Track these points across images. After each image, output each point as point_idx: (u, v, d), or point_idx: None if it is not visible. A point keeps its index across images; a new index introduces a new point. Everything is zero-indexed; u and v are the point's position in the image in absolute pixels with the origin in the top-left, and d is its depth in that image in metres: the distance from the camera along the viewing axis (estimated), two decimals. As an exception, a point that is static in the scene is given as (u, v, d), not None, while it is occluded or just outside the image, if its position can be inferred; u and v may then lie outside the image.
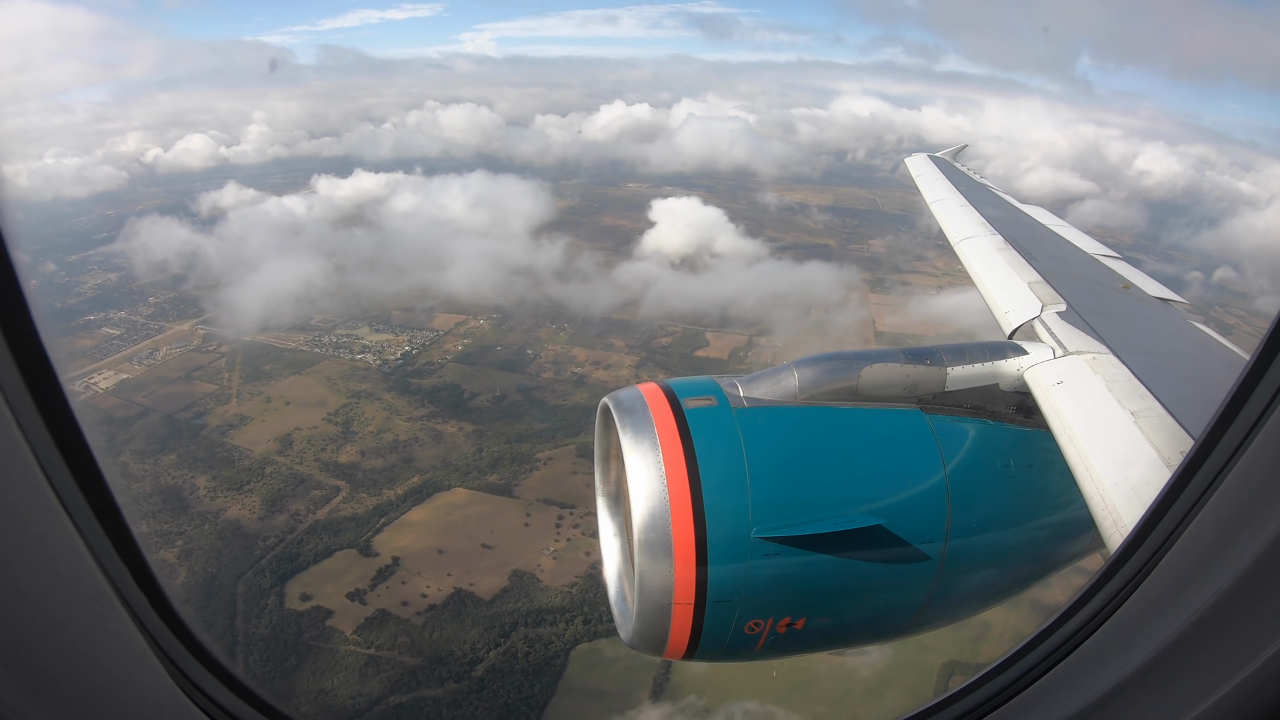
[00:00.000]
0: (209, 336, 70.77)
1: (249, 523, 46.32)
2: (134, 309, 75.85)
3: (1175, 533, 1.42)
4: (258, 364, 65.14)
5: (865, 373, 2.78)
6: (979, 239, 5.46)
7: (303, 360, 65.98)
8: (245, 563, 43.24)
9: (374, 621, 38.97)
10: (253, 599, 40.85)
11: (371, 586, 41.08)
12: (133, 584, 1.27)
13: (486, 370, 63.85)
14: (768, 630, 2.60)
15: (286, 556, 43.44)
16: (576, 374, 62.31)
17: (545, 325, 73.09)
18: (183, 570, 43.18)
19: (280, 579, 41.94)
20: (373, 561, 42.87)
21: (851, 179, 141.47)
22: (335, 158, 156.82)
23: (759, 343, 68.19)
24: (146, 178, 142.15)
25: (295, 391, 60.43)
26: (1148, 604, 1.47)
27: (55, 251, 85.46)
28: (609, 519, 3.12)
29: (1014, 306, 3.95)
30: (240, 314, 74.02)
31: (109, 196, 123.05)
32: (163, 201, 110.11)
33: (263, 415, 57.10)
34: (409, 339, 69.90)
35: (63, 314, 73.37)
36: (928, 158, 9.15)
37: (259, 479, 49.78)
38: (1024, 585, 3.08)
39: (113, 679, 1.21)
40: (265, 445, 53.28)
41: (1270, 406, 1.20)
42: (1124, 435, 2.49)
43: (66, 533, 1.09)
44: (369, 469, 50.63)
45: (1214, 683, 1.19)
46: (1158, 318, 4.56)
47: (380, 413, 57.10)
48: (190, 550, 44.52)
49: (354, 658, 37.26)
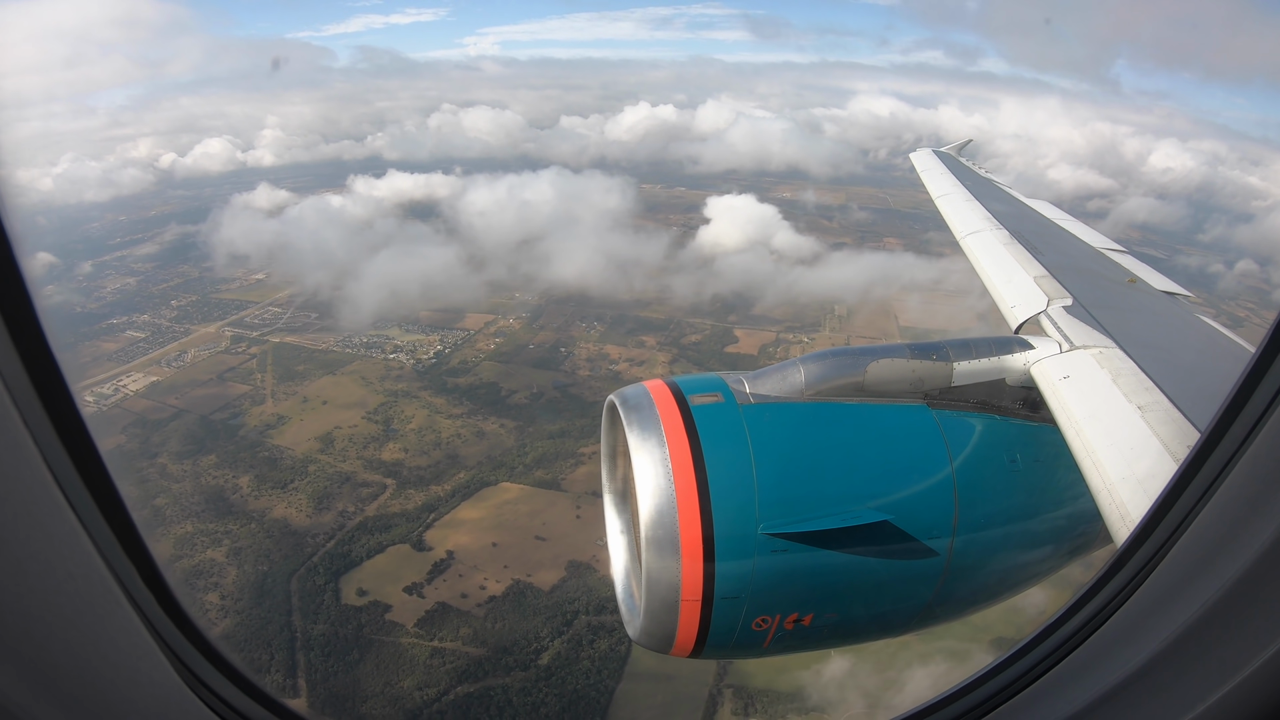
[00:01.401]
0: (237, 338, 70.58)
1: (297, 521, 46.24)
2: (157, 312, 75.50)
3: (1181, 528, 1.41)
4: (290, 365, 65.03)
5: (871, 368, 2.78)
6: (984, 233, 5.46)
7: (335, 361, 65.94)
8: (296, 560, 43.16)
9: (434, 614, 39.03)
10: (308, 596, 40.77)
11: (428, 580, 41.15)
12: (140, 582, 1.27)
13: (521, 368, 64.11)
14: (775, 626, 2.59)
15: (338, 553, 43.41)
16: (612, 370, 62.75)
17: (575, 324, 73.55)
18: (232, 569, 43.08)
19: (334, 575, 41.90)
20: (426, 556, 42.94)
21: (874, 179, 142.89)
22: (359, 160, 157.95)
23: (786, 339, 69.04)
24: (166, 182, 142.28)
25: (330, 391, 60.42)
26: (1153, 600, 1.45)
27: (73, 255, 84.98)
28: (616, 516, 3.14)
29: (1020, 301, 3.96)
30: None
31: (134, 200, 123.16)
32: (191, 205, 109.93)
33: (300, 415, 57.04)
34: (440, 339, 70.08)
35: (85, 318, 72.94)
36: (932, 153, 9.07)
37: (302, 477, 49.72)
38: (1031, 580, 3.08)
39: (120, 676, 1.21)
40: (306, 444, 53.22)
41: (1275, 400, 1.19)
42: (1131, 429, 2.49)
43: (73, 531, 1.09)
44: (413, 466, 50.72)
45: (1219, 679, 1.17)
46: (1164, 311, 4.56)
47: (420, 411, 57.20)
48: (239, 549, 44.36)
49: (418, 650, 37.28)
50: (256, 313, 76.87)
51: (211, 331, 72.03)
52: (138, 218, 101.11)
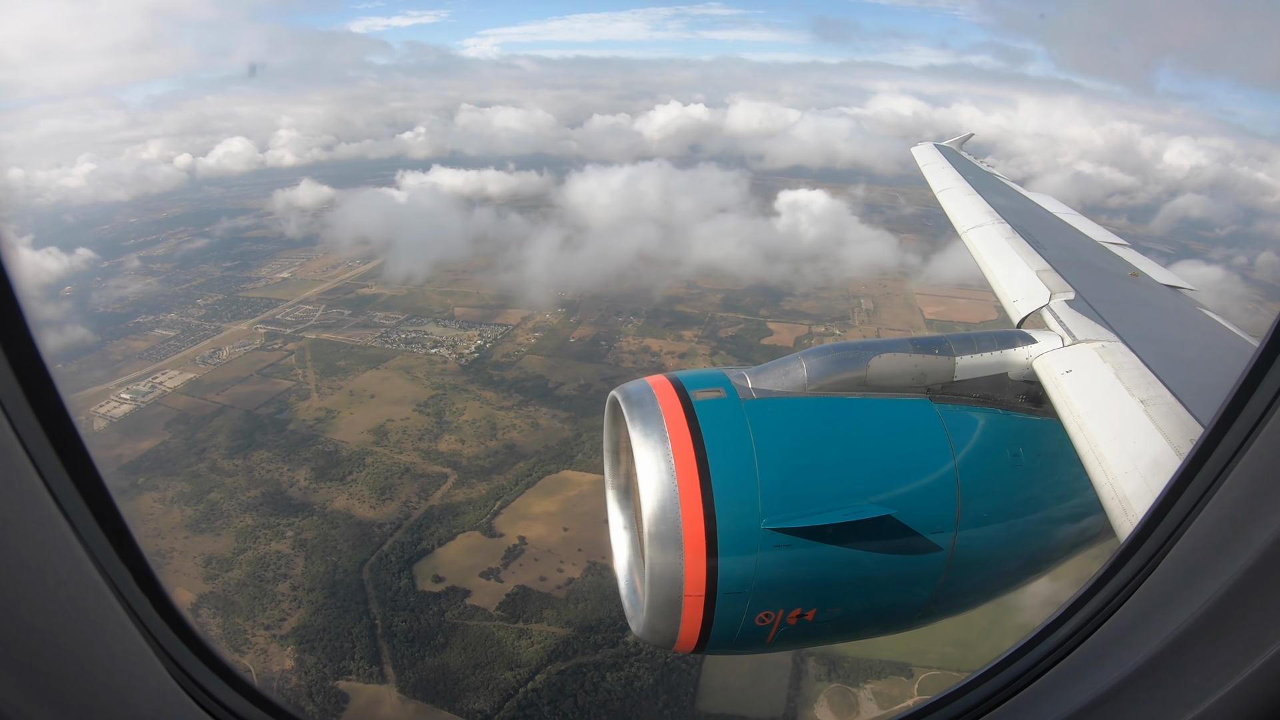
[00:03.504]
0: (271, 335, 70.18)
1: (360, 512, 46.36)
2: (183, 311, 74.81)
3: (1180, 528, 1.41)
4: (330, 360, 64.89)
5: (874, 363, 2.79)
6: (986, 227, 5.45)
7: (376, 356, 65.94)
8: (365, 550, 43.30)
9: (515, 598, 39.52)
10: (383, 584, 40.98)
11: (504, 565, 41.68)
12: (134, 585, 1.27)
13: (565, 361, 64.68)
14: (778, 622, 2.60)
15: (408, 542, 43.65)
16: (654, 362, 63.63)
17: (612, 318, 74.45)
18: (300, 560, 43.09)
19: (407, 563, 42.16)
20: (498, 543, 43.37)
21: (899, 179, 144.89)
22: (388, 159, 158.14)
23: (817, 331, 70.67)
24: (189, 182, 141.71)
25: (376, 386, 60.45)
26: (1153, 599, 1.45)
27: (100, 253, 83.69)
28: (619, 512, 3.14)
29: (1022, 295, 3.96)
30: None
31: (156, 200, 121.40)
32: (218, 205, 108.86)
33: (349, 409, 57.03)
34: (479, 334, 70.41)
35: (112, 317, 72.02)
36: (934, 147, 9.06)
37: (360, 469, 49.81)
38: (1034, 574, 3.08)
39: (114, 680, 1.21)
40: (360, 437, 53.27)
41: (1277, 399, 1.19)
42: (1133, 423, 2.50)
43: (64, 537, 1.09)
44: (472, 456, 51.08)
45: (1219, 679, 1.17)
46: (1167, 305, 4.54)
47: (471, 403, 57.50)
48: (303, 540, 44.37)
49: (504, 632, 37.77)
50: (288, 310, 76.57)
51: (244, 329, 71.54)
52: (158, 218, 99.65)
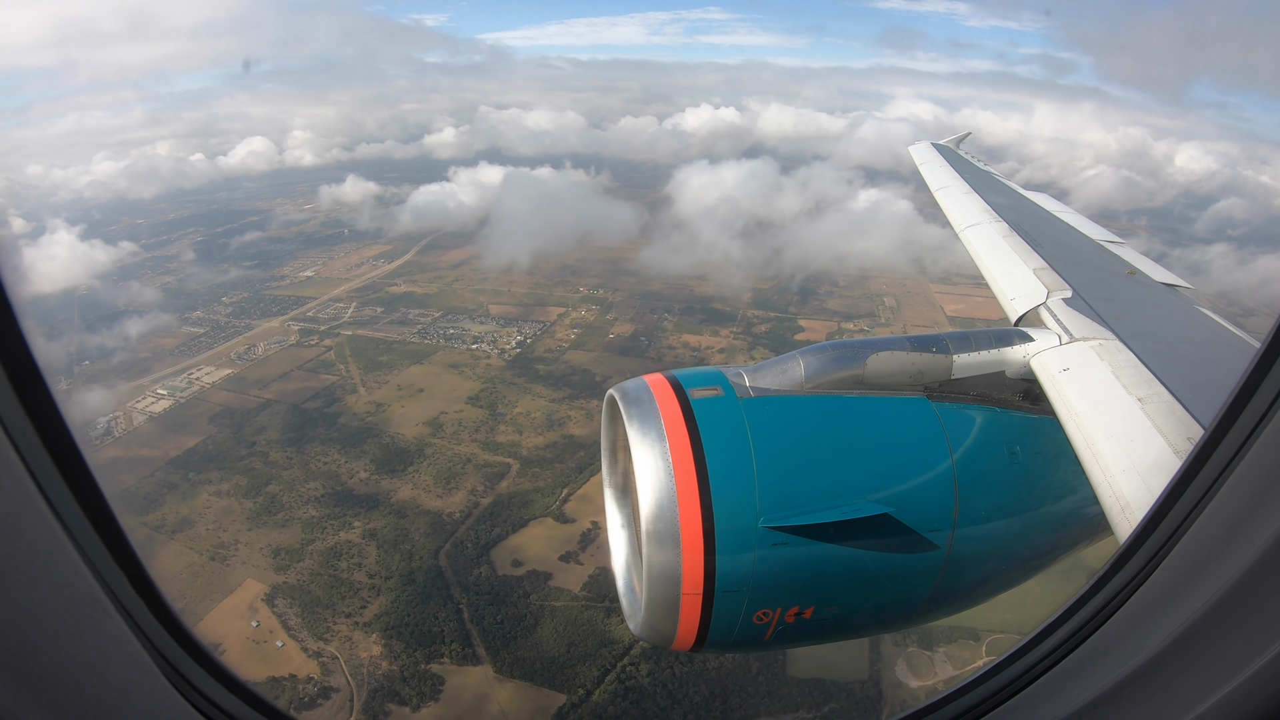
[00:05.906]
0: (305, 331, 69.69)
1: (427, 502, 46.66)
2: (209, 309, 73.77)
3: (1181, 528, 1.41)
4: (371, 356, 64.83)
5: (871, 361, 2.81)
6: (983, 226, 5.47)
7: (418, 351, 66.10)
8: (438, 538, 43.64)
9: (598, 579, 40.31)
10: (461, 570, 41.43)
11: (581, 549, 42.46)
12: (130, 589, 1.28)
13: (608, 356, 65.66)
14: (776, 620, 2.61)
15: (480, 529, 44.19)
16: (696, 357, 65.13)
17: (647, 315, 75.71)
18: (372, 549, 43.24)
19: (483, 549, 42.67)
20: (572, 528, 44.09)
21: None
22: (416, 159, 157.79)
23: (847, 328, 73.07)
24: (211, 183, 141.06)
25: (423, 380, 60.65)
26: (1153, 599, 1.46)
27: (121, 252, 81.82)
28: (616, 510, 3.15)
29: (1019, 293, 3.95)
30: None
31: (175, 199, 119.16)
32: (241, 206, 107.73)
33: (399, 402, 57.15)
34: (518, 330, 71.06)
35: (136, 315, 70.59)
36: (931, 145, 9.05)
37: (420, 460, 50.10)
38: (1032, 572, 3.08)
39: (110, 684, 1.21)
40: (415, 429, 53.50)
41: (1278, 400, 1.19)
42: (1131, 422, 2.50)
43: (59, 541, 1.08)
44: (532, 446, 51.73)
45: (1220, 679, 1.17)
46: (1164, 303, 4.55)
47: (521, 396, 58.10)
48: (372, 530, 44.53)
49: (592, 611, 38.57)
50: (318, 308, 76.06)
51: (275, 326, 70.89)
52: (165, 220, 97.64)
